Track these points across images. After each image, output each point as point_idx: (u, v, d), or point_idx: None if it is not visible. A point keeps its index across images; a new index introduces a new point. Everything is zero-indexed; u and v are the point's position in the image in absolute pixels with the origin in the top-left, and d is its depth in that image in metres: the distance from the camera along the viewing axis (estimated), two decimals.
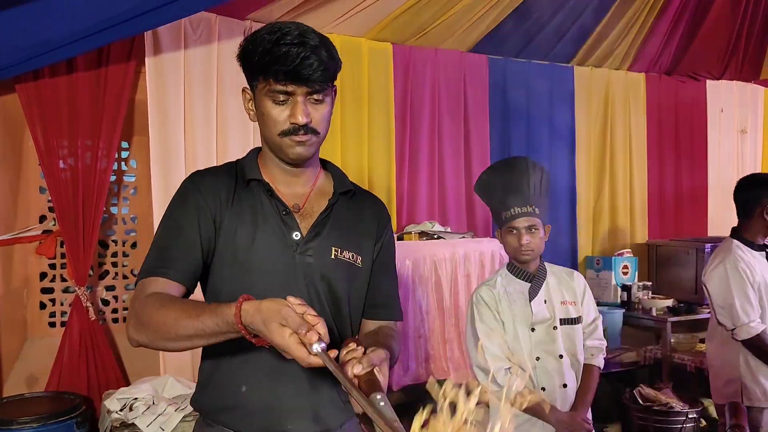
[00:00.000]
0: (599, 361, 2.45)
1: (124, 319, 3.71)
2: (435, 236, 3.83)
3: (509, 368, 2.28)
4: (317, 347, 1.08)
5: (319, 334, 1.09)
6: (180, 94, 3.47)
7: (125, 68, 3.38)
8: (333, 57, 1.36)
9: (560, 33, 4.48)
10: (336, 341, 1.29)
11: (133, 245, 3.78)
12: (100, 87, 3.33)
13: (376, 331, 1.50)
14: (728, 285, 2.75)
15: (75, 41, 2.88)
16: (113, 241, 3.73)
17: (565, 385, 2.32)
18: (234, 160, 1.53)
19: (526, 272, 2.37)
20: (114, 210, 3.73)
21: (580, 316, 2.41)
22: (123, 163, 3.71)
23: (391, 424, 1.01)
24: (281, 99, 1.34)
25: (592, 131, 4.97)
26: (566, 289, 2.42)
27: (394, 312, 1.58)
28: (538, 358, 2.32)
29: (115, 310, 3.71)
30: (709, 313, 3.12)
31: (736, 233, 2.92)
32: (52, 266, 3.56)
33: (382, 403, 1.08)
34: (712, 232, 5.38)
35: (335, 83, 1.42)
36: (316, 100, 1.35)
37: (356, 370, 1.15)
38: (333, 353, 1.11)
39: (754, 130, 5.84)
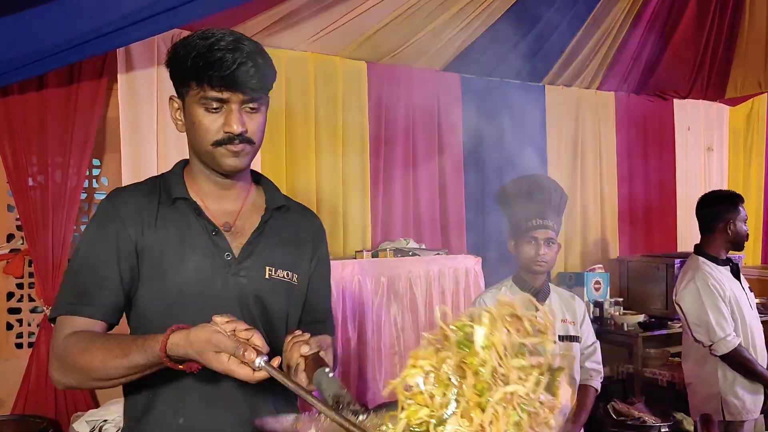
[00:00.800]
0: (596, 383, 2.51)
1: None
2: (410, 253, 3.84)
3: None
4: (259, 362, 1.06)
5: (257, 347, 1.07)
6: (153, 111, 3.45)
7: (97, 85, 3.36)
8: (269, 65, 1.32)
9: (531, 53, 4.56)
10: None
11: None
12: (71, 104, 3.29)
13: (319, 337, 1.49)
14: (701, 302, 2.80)
15: (45, 58, 2.86)
16: None
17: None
18: (153, 176, 1.47)
19: (532, 287, 2.41)
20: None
21: (578, 336, 2.46)
22: (94, 180, 3.67)
23: (341, 420, 0.96)
24: (215, 107, 1.28)
25: (563, 149, 5.05)
26: (567, 309, 2.48)
27: (329, 328, 1.55)
28: None
29: None
30: (680, 328, 3.17)
31: (699, 250, 2.98)
32: (20, 286, 3.49)
33: (330, 375, 1.09)
34: (681, 247, 5.48)
35: (269, 94, 1.37)
36: (251, 108, 1.31)
37: (303, 350, 1.15)
38: (276, 361, 1.09)
39: (720, 147, 5.99)
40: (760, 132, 6.14)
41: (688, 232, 5.43)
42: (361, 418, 0.98)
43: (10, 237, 3.47)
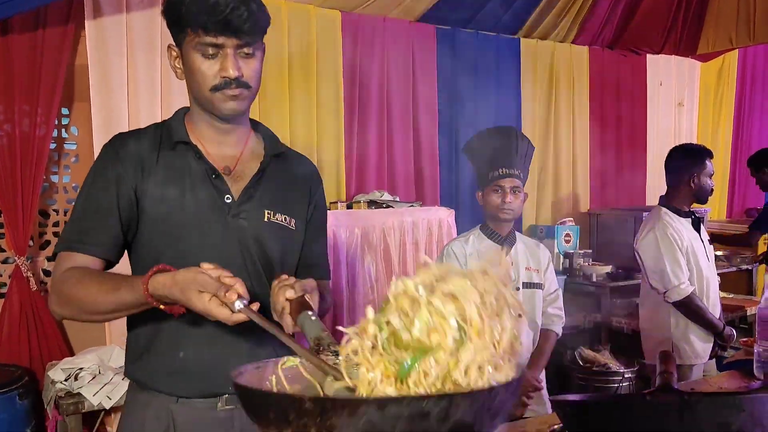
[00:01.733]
0: (558, 328, 2.59)
1: None
2: (384, 205, 3.87)
3: None
4: (239, 304, 1.09)
5: (239, 292, 1.10)
6: (123, 58, 3.38)
7: (63, 31, 3.26)
8: (262, 10, 1.33)
9: (507, 5, 4.53)
10: (269, 303, 1.29)
11: None
12: (37, 50, 3.20)
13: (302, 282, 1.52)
14: (659, 251, 2.88)
15: (6, 1, 2.78)
16: (54, 210, 3.63)
17: (520, 343, 2.42)
18: (156, 122, 1.49)
19: (499, 235, 2.47)
20: (54, 178, 3.62)
21: (541, 283, 2.54)
22: (63, 130, 3.60)
23: (319, 363, 0.98)
24: (210, 52, 1.30)
25: (537, 102, 5.07)
26: (532, 257, 2.55)
27: (325, 272, 1.59)
28: None
29: None
30: None
31: (664, 201, 3.05)
32: None
33: (313, 318, 1.11)
34: (650, 201, 5.59)
35: (263, 41, 1.39)
36: (246, 53, 1.33)
37: (288, 294, 1.17)
38: (255, 306, 1.12)
39: (691, 103, 6.07)
40: (730, 88, 6.24)
41: (657, 187, 5.53)
42: (340, 359, 1.01)
43: None
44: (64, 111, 3.56)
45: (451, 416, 0.73)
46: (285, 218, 1.46)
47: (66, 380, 2.91)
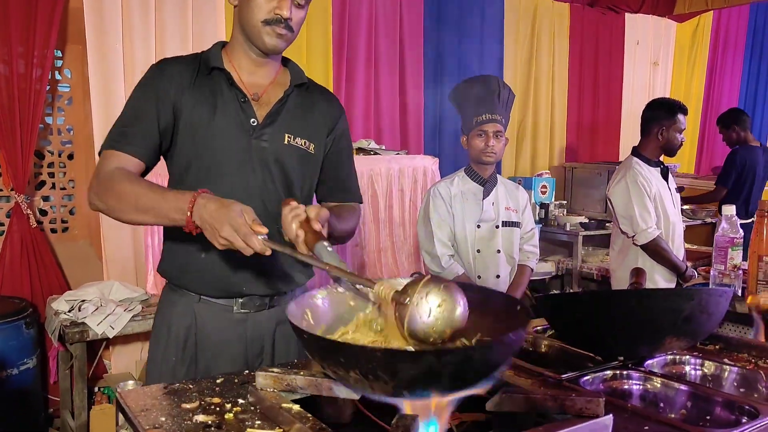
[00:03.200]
0: (533, 264, 2.85)
1: (64, 230, 3.75)
2: (371, 153, 4.01)
3: (452, 255, 2.58)
4: (262, 237, 1.22)
5: (262, 232, 1.22)
6: (117, 2, 3.42)
7: None
8: None
9: None
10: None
11: (70, 156, 3.76)
12: None
13: (339, 205, 1.68)
14: (629, 197, 3.09)
15: None
16: (49, 151, 3.71)
17: (498, 276, 2.65)
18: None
19: (481, 177, 2.68)
20: (49, 120, 3.68)
21: (519, 222, 2.77)
22: (57, 72, 3.65)
23: (339, 267, 1.16)
24: None
25: (519, 57, 5.21)
26: (511, 198, 2.77)
27: (354, 195, 1.76)
28: (478, 251, 2.64)
29: (53, 221, 3.72)
30: None
31: (635, 151, 3.25)
32: None
33: (329, 249, 1.22)
34: (623, 157, 5.80)
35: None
36: (299, 3, 1.49)
37: (301, 216, 1.28)
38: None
39: (665, 63, 6.25)
40: (704, 48, 6.43)
41: (631, 143, 5.72)
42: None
43: None
44: (57, 53, 3.60)
45: (489, 359, 0.92)
46: (304, 142, 1.60)
47: (70, 311, 3.05)
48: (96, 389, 3.35)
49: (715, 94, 6.55)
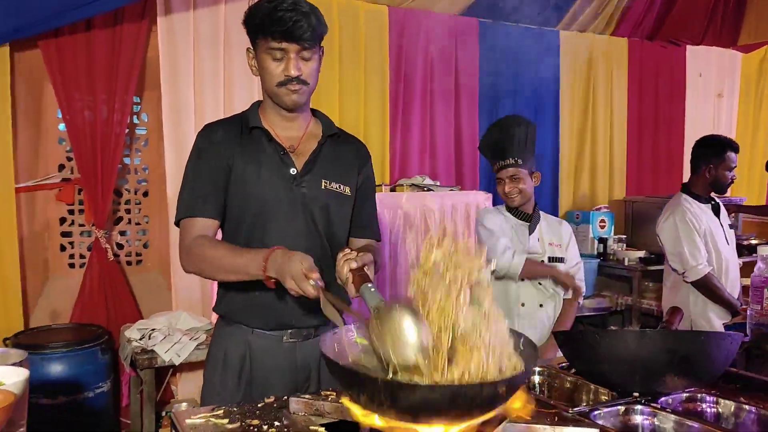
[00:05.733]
0: (579, 299, 2.84)
1: (138, 262, 4.03)
2: (425, 189, 4.13)
3: (513, 251, 2.64)
4: (313, 283, 1.40)
5: (315, 278, 1.40)
6: (190, 51, 3.72)
7: (138, 27, 3.62)
8: (320, 22, 1.66)
9: None
10: (328, 256, 1.68)
11: (145, 194, 4.06)
12: (115, 44, 3.57)
13: (365, 246, 1.81)
14: (677, 234, 3.08)
15: (92, 2, 3.13)
16: (126, 189, 4.01)
17: (541, 305, 2.68)
18: (236, 113, 1.85)
19: (525, 213, 2.76)
20: (127, 161, 3.99)
21: (563, 257, 2.78)
22: (135, 116, 3.97)
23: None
24: (278, 56, 1.64)
25: (576, 93, 5.25)
26: (554, 233, 2.81)
27: (374, 232, 1.91)
28: (522, 279, 2.67)
29: (128, 254, 4.01)
30: None
31: (685, 187, 3.25)
32: (71, 212, 3.84)
33: (372, 289, 1.35)
34: None
35: (322, 45, 1.72)
36: (305, 57, 1.66)
37: (352, 265, 1.44)
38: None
39: (731, 94, 6.13)
40: None
41: None
42: None
43: (61, 167, 3.81)
44: (136, 99, 3.92)
45: (485, 395, 1.01)
46: (339, 186, 1.78)
47: (141, 339, 3.28)
48: (164, 413, 3.55)
49: None
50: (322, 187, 1.75)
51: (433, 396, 0.98)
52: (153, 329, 3.33)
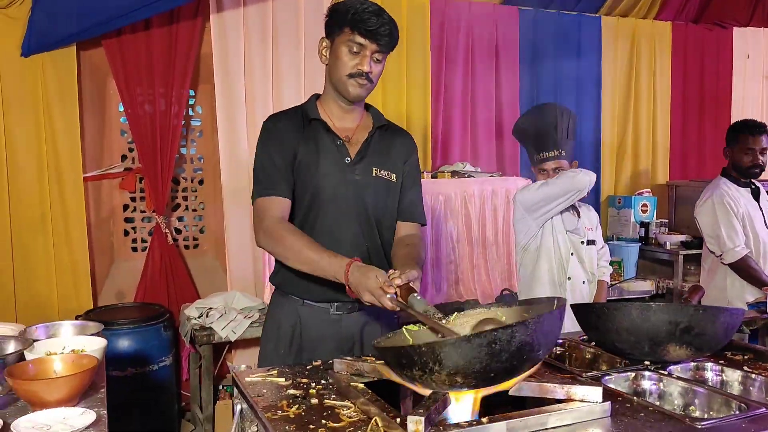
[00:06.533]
0: (607, 278, 3.03)
1: (195, 246, 4.29)
2: (465, 175, 4.26)
3: None
4: (391, 296, 1.55)
5: (389, 292, 1.55)
6: (240, 47, 3.92)
7: (193, 24, 3.85)
8: (397, 33, 1.85)
9: None
10: (376, 237, 1.88)
11: (200, 182, 4.31)
12: (171, 42, 3.81)
13: (408, 244, 1.95)
14: (715, 216, 3.14)
15: (150, 4, 3.36)
16: (183, 178, 4.27)
17: (584, 282, 2.83)
18: (296, 105, 2.03)
19: None
20: (183, 151, 4.24)
21: (595, 240, 2.93)
22: (190, 109, 4.21)
23: (428, 316, 1.45)
24: (355, 50, 1.81)
25: (618, 78, 5.26)
26: (587, 218, 2.97)
27: (418, 216, 2.06)
28: (572, 253, 2.81)
29: (186, 238, 4.28)
30: None
31: (725, 172, 3.29)
32: (133, 199, 4.12)
33: (418, 297, 1.52)
34: None
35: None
36: (377, 59, 1.84)
37: (397, 282, 1.57)
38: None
39: None
40: None
41: None
42: (443, 321, 1.45)
43: (123, 158, 4.08)
44: (191, 92, 4.16)
45: (514, 340, 1.16)
46: (387, 173, 1.96)
47: (199, 317, 3.53)
48: (220, 387, 3.82)
49: None
50: (373, 175, 1.93)
51: (471, 348, 1.13)
52: (210, 308, 3.58)
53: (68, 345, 1.76)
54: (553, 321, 1.23)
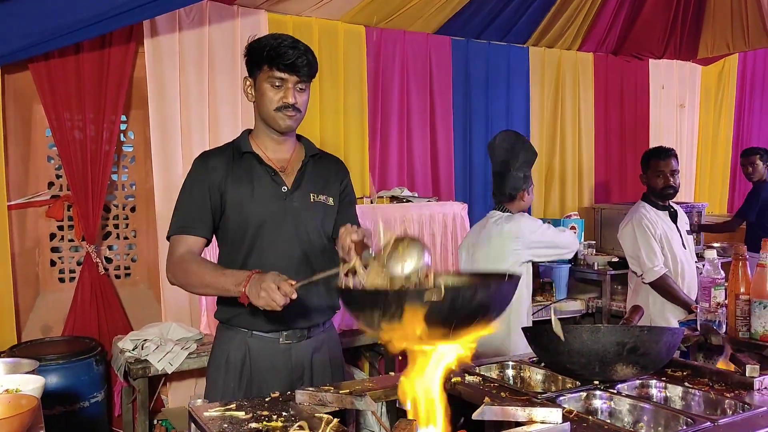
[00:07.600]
0: None
1: (126, 275, 4.15)
2: (404, 200, 4.32)
3: None
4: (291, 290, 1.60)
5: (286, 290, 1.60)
6: (175, 72, 3.86)
7: (126, 49, 3.76)
8: (315, 61, 1.91)
9: (516, 16, 4.96)
10: (320, 259, 1.92)
11: (132, 209, 4.19)
12: (103, 66, 3.70)
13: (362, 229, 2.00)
14: (635, 238, 3.33)
15: (81, 28, 3.27)
16: (114, 205, 4.13)
17: None
18: (229, 141, 2.05)
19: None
20: (114, 177, 4.11)
21: None
22: (122, 134, 4.10)
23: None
24: (277, 84, 1.86)
25: (545, 106, 5.50)
26: None
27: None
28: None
29: (117, 267, 4.13)
30: None
31: (645, 196, 3.50)
32: (60, 228, 3.95)
33: (373, 254, 1.55)
34: None
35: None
36: (300, 88, 1.89)
37: (353, 236, 1.61)
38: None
39: (692, 105, 6.46)
40: (730, 90, 6.61)
41: None
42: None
43: (50, 185, 3.92)
44: (122, 118, 4.05)
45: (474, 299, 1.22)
46: (325, 197, 2.00)
47: (134, 349, 3.40)
48: (155, 421, 3.68)
49: (744, 134, 6.68)
50: (311, 201, 1.96)
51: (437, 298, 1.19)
52: (145, 340, 3.46)
53: (2, 384, 1.66)
54: (508, 289, 1.34)
